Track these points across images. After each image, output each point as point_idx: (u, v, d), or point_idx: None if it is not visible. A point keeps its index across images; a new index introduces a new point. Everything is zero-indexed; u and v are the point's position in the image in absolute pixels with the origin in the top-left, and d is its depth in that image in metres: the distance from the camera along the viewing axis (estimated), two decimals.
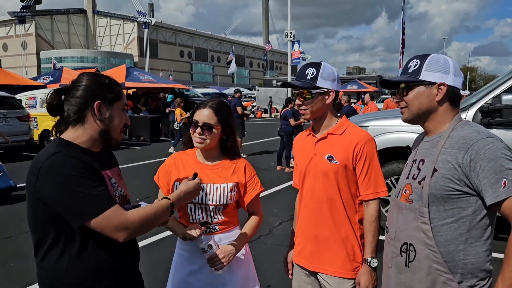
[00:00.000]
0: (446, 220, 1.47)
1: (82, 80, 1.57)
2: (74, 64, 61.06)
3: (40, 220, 1.48)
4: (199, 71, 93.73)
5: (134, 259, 1.69)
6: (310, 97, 1.92)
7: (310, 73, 1.92)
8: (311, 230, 2.00)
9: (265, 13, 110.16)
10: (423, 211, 1.50)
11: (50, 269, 1.49)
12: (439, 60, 1.57)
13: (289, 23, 27.12)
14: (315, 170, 1.97)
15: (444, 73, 1.55)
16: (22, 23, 70.82)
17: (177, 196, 1.68)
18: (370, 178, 1.92)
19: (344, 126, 1.97)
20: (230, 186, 1.98)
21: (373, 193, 1.92)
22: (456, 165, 1.43)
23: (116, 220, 1.42)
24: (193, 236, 1.85)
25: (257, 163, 9.96)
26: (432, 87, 1.55)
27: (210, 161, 2.03)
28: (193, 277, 1.98)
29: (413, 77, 1.57)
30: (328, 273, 1.97)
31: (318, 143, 1.98)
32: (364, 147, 1.90)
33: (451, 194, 1.45)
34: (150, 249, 4.54)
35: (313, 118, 1.98)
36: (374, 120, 5.24)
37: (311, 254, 2.01)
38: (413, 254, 1.53)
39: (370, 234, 1.92)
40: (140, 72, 18.67)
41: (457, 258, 1.46)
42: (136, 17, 78.71)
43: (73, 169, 1.41)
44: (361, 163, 1.91)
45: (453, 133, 1.51)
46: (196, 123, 1.96)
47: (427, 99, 1.56)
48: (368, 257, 1.92)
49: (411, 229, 1.54)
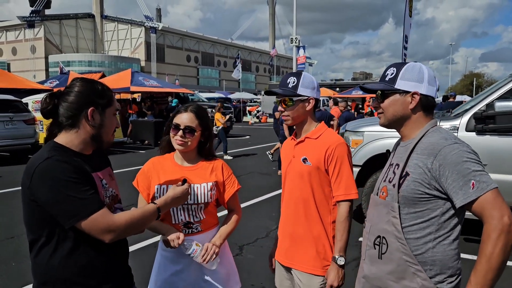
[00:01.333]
0: (416, 220, 1.55)
1: (76, 86, 1.63)
2: (82, 68, 61.66)
3: (34, 220, 1.56)
4: (206, 75, 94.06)
5: (124, 256, 1.76)
6: (291, 104, 2.05)
7: (291, 81, 2.05)
8: (289, 228, 2.13)
9: (272, 18, 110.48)
10: (394, 206, 1.58)
11: (43, 265, 1.57)
12: (414, 69, 1.64)
13: (294, 29, 27.22)
14: (292, 171, 2.10)
15: (418, 82, 1.62)
16: (31, 28, 71.67)
17: (164, 201, 1.75)
18: (342, 180, 2.02)
19: (321, 131, 2.09)
20: (210, 185, 2.07)
21: (343, 194, 2.02)
22: (426, 170, 1.50)
23: (103, 223, 1.51)
24: (175, 246, 1.92)
25: (259, 168, 10.01)
26: (406, 95, 1.62)
27: (188, 163, 2.11)
28: (177, 277, 2.03)
29: (389, 85, 1.65)
30: (299, 269, 2.08)
31: (296, 146, 2.11)
32: (335, 150, 2.00)
33: (421, 197, 1.53)
34: (140, 252, 4.62)
35: (294, 124, 2.11)
36: (370, 126, 5.31)
37: (286, 251, 2.14)
38: (385, 246, 1.61)
39: (339, 233, 2.01)
40: (145, 77, 18.83)
41: (426, 255, 1.53)
42: (144, 22, 79.30)
43: (64, 174, 1.49)
44: (333, 166, 2.02)
45: (423, 139, 1.58)
46: (178, 126, 2.04)
47: (401, 107, 1.63)
48: (336, 255, 2.00)
49: (383, 223, 1.62)
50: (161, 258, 2.10)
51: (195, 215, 2.05)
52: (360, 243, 2.09)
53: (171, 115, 2.18)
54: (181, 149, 2.05)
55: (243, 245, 4.84)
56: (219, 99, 25.28)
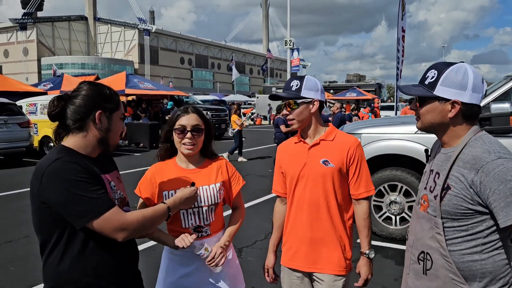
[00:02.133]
0: (461, 233, 1.48)
1: (83, 89, 1.64)
2: (75, 71, 61.24)
3: (44, 223, 1.56)
4: (200, 78, 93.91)
5: (134, 258, 1.77)
6: (296, 107, 2.06)
7: (295, 84, 2.08)
8: (307, 233, 2.09)
9: (265, 20, 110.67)
10: (437, 222, 1.51)
11: (53, 267, 1.57)
12: (458, 73, 1.49)
13: (288, 31, 27.31)
14: (310, 174, 2.07)
15: (460, 89, 1.48)
16: (24, 30, 71.12)
17: (173, 201, 1.77)
18: (362, 179, 2.08)
19: (334, 132, 2.12)
20: (218, 186, 2.07)
21: (365, 192, 2.08)
22: (468, 185, 1.42)
23: (115, 221, 1.51)
24: (186, 245, 1.91)
25: (255, 170, 10.03)
26: (446, 103, 1.50)
27: (193, 166, 2.09)
28: (186, 280, 2.03)
29: (427, 91, 1.52)
30: (324, 272, 2.08)
31: (311, 149, 2.09)
32: (356, 150, 2.07)
33: (465, 212, 1.45)
34: (148, 252, 4.62)
35: (301, 127, 2.10)
36: (367, 128, 5.35)
37: (306, 256, 2.10)
38: (429, 262, 1.55)
39: (365, 229, 2.09)
40: (140, 80, 18.79)
41: (474, 268, 1.46)
42: (137, 24, 79.02)
43: (74, 174, 1.50)
44: (354, 165, 2.06)
45: (465, 150, 1.48)
46: (184, 129, 2.00)
47: (439, 115, 1.52)
48: (366, 250, 2.08)
49: (427, 238, 1.56)
50: (168, 261, 2.09)
51: (205, 218, 2.04)
52: (359, 244, 2.13)
53: (167, 117, 2.16)
54: (191, 153, 2.03)
55: (242, 247, 4.85)
56: (248, 102, 25.17)
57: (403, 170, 4.95)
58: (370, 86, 37.30)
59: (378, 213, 5.16)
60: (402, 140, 4.94)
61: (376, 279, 4.05)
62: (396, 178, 4.95)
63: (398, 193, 4.99)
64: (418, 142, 4.80)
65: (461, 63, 1.52)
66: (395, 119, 6.58)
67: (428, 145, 4.75)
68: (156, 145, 15.43)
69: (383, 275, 4.15)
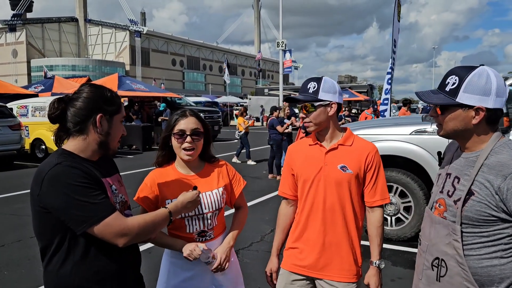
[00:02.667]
0: (481, 239, 1.44)
1: (85, 91, 1.62)
2: (65, 73, 60.84)
3: (44, 228, 1.54)
4: (191, 79, 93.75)
5: (136, 263, 1.76)
6: (313, 110, 2.00)
7: (312, 87, 2.01)
8: (320, 238, 2.03)
9: (257, 22, 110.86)
10: (456, 228, 1.47)
11: (54, 273, 1.55)
12: (481, 79, 1.43)
13: (280, 33, 27.36)
14: (327, 179, 2.01)
15: (484, 95, 1.42)
16: (13, 31, 70.46)
17: (174, 206, 1.74)
18: (378, 186, 2.03)
19: (352, 137, 2.06)
20: (221, 190, 2.05)
21: (380, 200, 2.03)
22: (493, 192, 1.39)
23: (116, 227, 1.49)
24: (195, 257, 1.89)
25: (249, 172, 10.04)
26: (469, 109, 1.45)
27: (194, 171, 2.05)
28: (188, 283, 2.00)
29: (450, 99, 1.47)
30: (335, 279, 2.02)
31: (328, 154, 2.03)
32: (374, 157, 2.02)
33: (487, 219, 1.42)
34: (143, 256, 4.58)
35: (317, 130, 2.05)
36: (362, 129, 5.36)
37: (317, 261, 2.05)
38: (444, 269, 1.51)
39: (378, 238, 2.03)
40: (132, 81, 18.68)
41: (493, 273, 1.42)
42: (128, 26, 78.72)
43: (75, 179, 1.47)
44: (371, 172, 2.02)
45: (491, 156, 1.44)
46: (184, 133, 1.95)
47: (462, 122, 1.48)
48: (377, 259, 2.01)
49: (443, 245, 1.52)
50: (169, 264, 2.06)
51: (209, 223, 2.02)
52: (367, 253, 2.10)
53: (160, 119, 2.12)
54: (191, 159, 1.98)
55: (239, 249, 4.83)
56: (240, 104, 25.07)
57: (399, 171, 4.97)
58: (362, 87, 37.49)
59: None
60: (398, 141, 4.96)
61: None
62: (392, 179, 4.97)
63: (393, 194, 5.01)
64: (414, 143, 4.82)
65: (481, 66, 1.48)
66: (390, 120, 6.61)
67: (425, 147, 4.79)
68: (149, 147, 15.36)
69: None
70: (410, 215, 4.95)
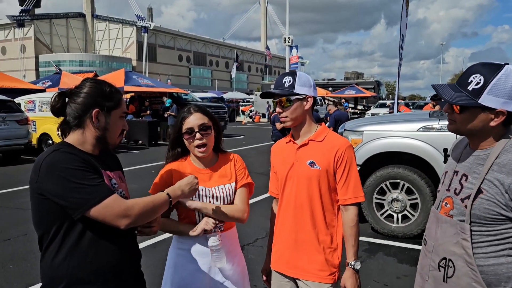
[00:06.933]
0: (488, 238, 1.42)
1: (84, 87, 1.63)
2: (73, 68, 61.05)
3: (42, 216, 1.54)
4: (198, 75, 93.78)
5: (134, 258, 1.73)
6: (288, 105, 1.97)
7: (287, 81, 1.99)
8: (291, 235, 2.02)
9: (264, 18, 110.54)
10: (464, 227, 1.44)
11: (49, 262, 1.55)
12: (507, 82, 1.36)
13: (287, 28, 27.26)
14: (296, 176, 2.00)
15: (509, 98, 1.37)
16: (21, 27, 70.77)
17: (172, 189, 1.71)
18: (350, 184, 1.96)
19: (324, 133, 2.02)
20: (234, 185, 2.05)
21: (352, 198, 1.96)
22: (503, 190, 1.36)
23: (117, 207, 1.48)
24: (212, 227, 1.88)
25: (254, 167, 10.02)
26: (490, 112, 1.40)
27: (208, 164, 2.06)
28: (195, 276, 2.00)
29: (472, 99, 1.40)
30: (306, 278, 1.99)
31: (299, 150, 2.01)
32: (344, 153, 1.95)
33: (495, 218, 1.39)
34: (148, 251, 4.59)
35: (294, 125, 2.02)
36: (369, 125, 5.32)
37: (289, 260, 2.03)
38: (451, 270, 1.48)
39: (352, 238, 1.95)
40: (139, 76, 18.70)
41: (500, 271, 1.40)
42: (135, 22, 78.80)
43: (72, 163, 1.48)
44: (341, 169, 1.96)
45: (502, 154, 1.41)
46: (192, 130, 1.96)
47: (480, 123, 1.43)
48: (352, 260, 1.94)
49: (450, 244, 1.48)
50: (176, 256, 2.05)
51: None
52: None
53: (166, 114, 2.10)
54: (205, 155, 1.99)
55: (244, 245, 4.82)
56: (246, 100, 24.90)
57: (405, 167, 4.93)
58: (369, 84, 37.26)
59: (380, 211, 5.14)
60: (404, 137, 4.92)
61: (378, 277, 4.05)
62: (398, 175, 4.93)
63: (400, 190, 4.97)
64: (420, 139, 4.78)
65: (507, 66, 1.40)
66: (397, 117, 6.55)
67: (431, 143, 4.74)
68: (155, 143, 15.40)
69: (385, 273, 4.13)
70: (417, 212, 4.91)
